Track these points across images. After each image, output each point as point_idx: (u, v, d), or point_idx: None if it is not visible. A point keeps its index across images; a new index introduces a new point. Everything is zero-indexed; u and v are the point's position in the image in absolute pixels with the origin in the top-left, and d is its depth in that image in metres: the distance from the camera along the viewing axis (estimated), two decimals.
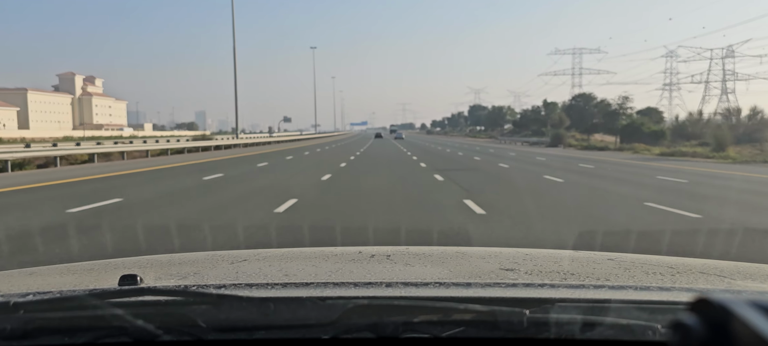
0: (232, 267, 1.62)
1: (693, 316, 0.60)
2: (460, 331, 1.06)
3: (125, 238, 7.20)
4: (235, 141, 49.79)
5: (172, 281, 1.44)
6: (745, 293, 1.34)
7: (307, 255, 1.85)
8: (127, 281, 1.22)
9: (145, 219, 8.85)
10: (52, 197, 12.30)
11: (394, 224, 8.06)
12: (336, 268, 1.52)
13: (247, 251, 1.88)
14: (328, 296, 1.15)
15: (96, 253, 6.14)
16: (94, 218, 8.91)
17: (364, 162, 25.73)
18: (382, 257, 1.67)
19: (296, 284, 1.29)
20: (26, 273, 1.64)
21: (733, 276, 1.49)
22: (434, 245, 5.59)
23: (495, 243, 6.70)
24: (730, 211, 9.63)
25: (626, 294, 1.20)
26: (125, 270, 1.34)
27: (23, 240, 7.05)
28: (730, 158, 28.51)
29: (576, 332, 1.06)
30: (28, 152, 23.92)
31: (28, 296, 1.12)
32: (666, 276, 1.43)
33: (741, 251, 6.17)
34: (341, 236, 7.16)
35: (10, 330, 1.04)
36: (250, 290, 1.21)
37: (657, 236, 7.11)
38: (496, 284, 1.30)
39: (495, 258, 1.70)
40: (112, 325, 1.04)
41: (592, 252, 1.94)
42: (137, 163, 25.86)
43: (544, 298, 1.13)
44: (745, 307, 0.56)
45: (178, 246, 6.33)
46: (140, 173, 19.58)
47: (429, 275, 1.47)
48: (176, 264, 1.75)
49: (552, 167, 22.12)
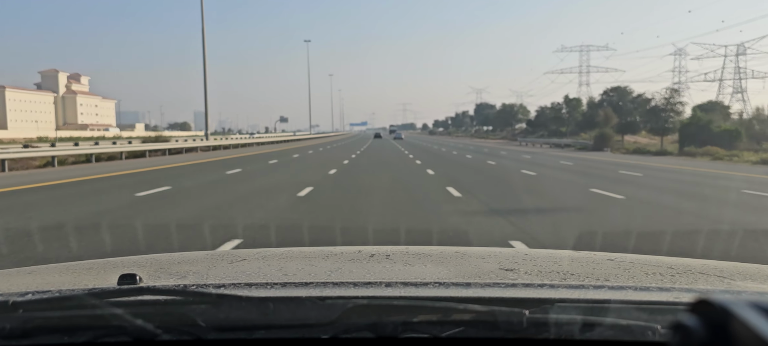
0: (231, 267, 1.62)
1: (693, 317, 0.60)
2: (460, 331, 1.06)
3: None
4: (199, 143, 41.76)
5: (171, 280, 1.44)
6: (745, 293, 1.34)
7: (306, 254, 1.85)
8: (126, 281, 1.22)
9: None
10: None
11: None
12: (335, 267, 1.52)
13: (247, 251, 1.88)
14: (328, 296, 1.14)
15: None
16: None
17: (357, 171, 20.01)
18: (382, 256, 1.67)
19: (296, 283, 1.29)
20: (25, 272, 1.64)
21: (733, 277, 1.49)
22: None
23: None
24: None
25: (626, 295, 1.20)
26: (124, 269, 1.34)
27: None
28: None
29: (576, 333, 1.06)
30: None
31: (28, 295, 1.12)
32: (666, 277, 1.43)
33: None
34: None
35: (10, 329, 1.04)
36: (249, 289, 1.21)
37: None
38: (495, 284, 1.30)
39: (494, 258, 1.70)
40: (112, 324, 1.04)
41: (592, 252, 1.94)
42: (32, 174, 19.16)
43: (544, 298, 1.13)
44: (745, 308, 0.56)
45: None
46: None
47: (428, 275, 1.46)
48: (175, 263, 1.75)
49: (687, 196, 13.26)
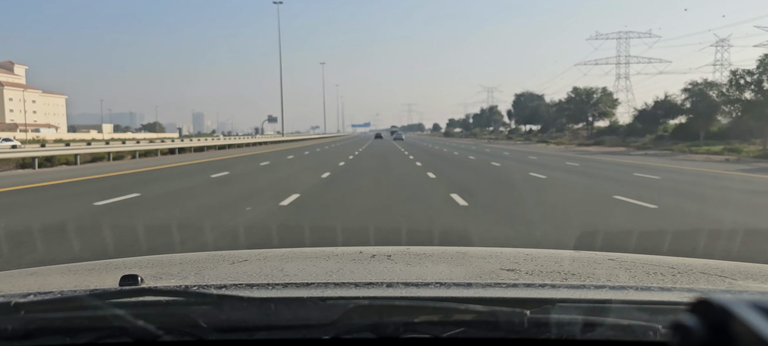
0: (232, 267, 1.63)
1: (693, 317, 0.60)
2: (461, 331, 1.06)
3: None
4: (159, 146, 32.43)
5: (173, 281, 1.44)
6: (746, 293, 1.34)
7: (307, 255, 1.85)
8: (127, 282, 1.22)
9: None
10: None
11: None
12: (337, 268, 1.52)
13: (248, 251, 1.88)
14: (329, 297, 1.15)
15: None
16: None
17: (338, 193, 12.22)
18: (383, 257, 1.67)
19: (297, 284, 1.29)
20: (27, 273, 1.65)
21: (734, 276, 1.49)
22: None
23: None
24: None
25: (627, 295, 1.20)
26: (126, 270, 1.34)
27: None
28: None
29: (577, 333, 1.06)
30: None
31: (29, 297, 1.12)
32: (667, 276, 1.43)
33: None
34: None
35: (12, 330, 1.05)
36: (250, 290, 1.21)
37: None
38: (496, 285, 1.30)
39: (495, 258, 1.70)
40: (113, 325, 1.04)
41: (593, 252, 1.94)
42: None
43: (545, 298, 1.13)
44: (746, 308, 0.56)
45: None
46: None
47: (430, 275, 1.47)
48: (177, 264, 1.75)
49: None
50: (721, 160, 27.42)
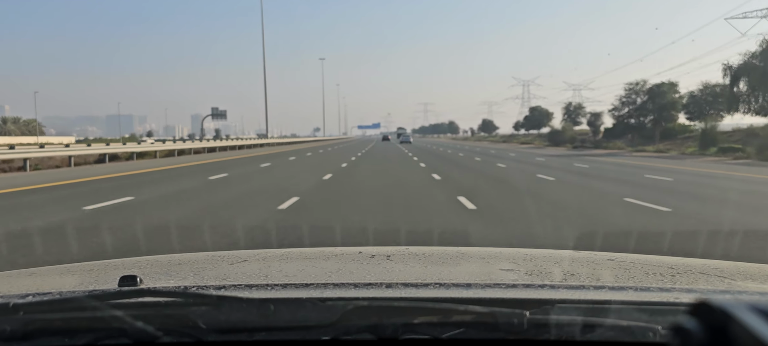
0: (232, 268, 1.62)
1: (693, 319, 0.60)
2: (460, 332, 1.06)
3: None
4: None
5: (172, 281, 1.44)
6: (745, 293, 1.34)
7: (306, 255, 1.85)
8: (126, 282, 1.22)
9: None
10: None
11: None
12: (336, 268, 1.52)
13: (247, 252, 1.88)
14: (328, 297, 1.15)
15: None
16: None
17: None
18: (382, 257, 1.67)
19: (296, 284, 1.29)
20: (26, 274, 1.64)
21: (733, 277, 1.49)
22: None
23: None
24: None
25: (626, 295, 1.20)
26: (125, 271, 1.34)
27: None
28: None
29: (576, 334, 1.06)
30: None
31: (28, 297, 1.12)
32: (666, 277, 1.43)
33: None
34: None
35: (10, 332, 1.04)
36: (250, 291, 1.21)
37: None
38: (496, 285, 1.30)
39: (495, 259, 1.70)
40: (112, 326, 1.04)
41: (593, 252, 1.94)
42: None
43: (545, 299, 1.13)
44: (745, 310, 0.56)
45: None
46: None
47: (429, 276, 1.46)
48: (176, 265, 1.75)
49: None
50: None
